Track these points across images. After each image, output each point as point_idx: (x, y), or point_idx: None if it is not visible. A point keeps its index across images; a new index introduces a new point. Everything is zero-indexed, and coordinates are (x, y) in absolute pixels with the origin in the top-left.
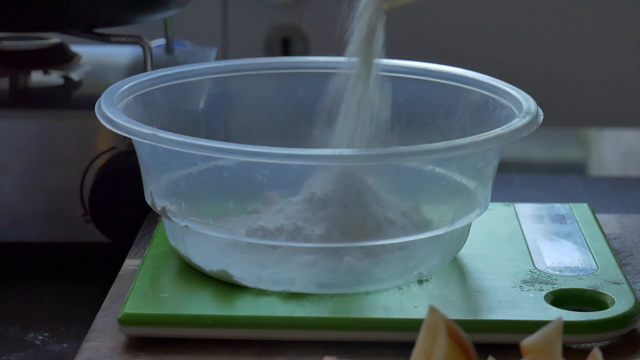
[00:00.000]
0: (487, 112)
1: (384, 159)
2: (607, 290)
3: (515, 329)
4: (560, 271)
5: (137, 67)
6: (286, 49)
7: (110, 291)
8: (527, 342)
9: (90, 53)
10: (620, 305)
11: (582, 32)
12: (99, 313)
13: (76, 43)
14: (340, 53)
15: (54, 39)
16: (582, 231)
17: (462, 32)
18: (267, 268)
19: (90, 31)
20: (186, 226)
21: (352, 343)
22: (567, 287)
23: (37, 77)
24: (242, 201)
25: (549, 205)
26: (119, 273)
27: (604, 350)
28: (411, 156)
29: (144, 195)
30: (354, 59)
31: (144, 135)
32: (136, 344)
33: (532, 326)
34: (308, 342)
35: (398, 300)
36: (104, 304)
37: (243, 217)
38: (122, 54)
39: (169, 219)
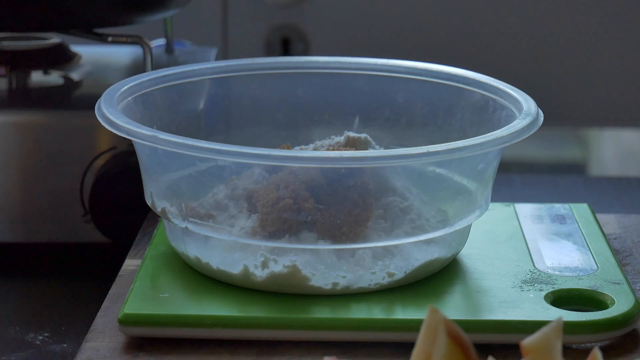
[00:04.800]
0: (487, 112)
1: (384, 161)
2: (607, 290)
3: (515, 329)
4: (560, 271)
5: (137, 67)
6: (286, 49)
7: (110, 291)
8: (527, 342)
9: (90, 53)
10: (620, 305)
11: (582, 32)
12: (99, 313)
13: (76, 43)
14: (340, 53)
15: (54, 39)
16: (582, 231)
17: (462, 32)
18: (267, 268)
19: (90, 31)
20: (186, 227)
21: (352, 343)
22: (567, 287)
23: (37, 77)
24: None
25: (549, 205)
26: (119, 273)
27: (604, 350)
28: (412, 158)
29: (144, 196)
30: None
31: (144, 136)
32: (136, 344)
33: (532, 326)
34: (308, 342)
35: (398, 300)
36: (104, 304)
37: (242, 218)
38: (122, 54)
39: (169, 220)
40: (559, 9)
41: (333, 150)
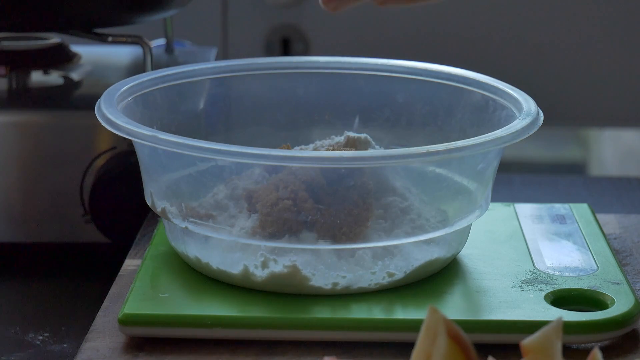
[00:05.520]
0: (487, 112)
1: (384, 161)
2: (607, 290)
3: (515, 329)
4: (560, 271)
5: (137, 67)
6: (286, 49)
7: (110, 291)
8: (527, 342)
9: (90, 53)
10: (620, 305)
11: (582, 32)
12: (99, 313)
13: (76, 43)
14: (340, 53)
15: (54, 39)
16: (582, 231)
17: (462, 32)
18: (267, 268)
19: (90, 31)
20: (186, 227)
21: (352, 343)
22: (567, 287)
23: (37, 77)
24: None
25: (549, 205)
26: (119, 273)
27: (604, 350)
28: (412, 158)
29: (144, 196)
30: None
31: (144, 136)
32: (136, 344)
33: (532, 326)
34: (308, 342)
35: (398, 300)
36: (104, 304)
37: (242, 218)
38: (122, 54)
39: (169, 220)
40: (559, 9)
41: (333, 150)
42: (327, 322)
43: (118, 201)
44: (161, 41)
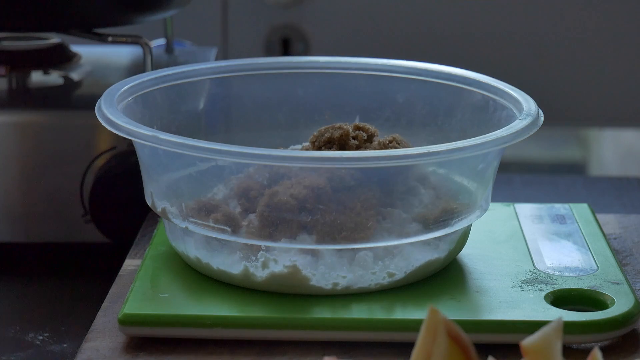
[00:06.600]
0: (487, 113)
1: (384, 161)
2: (607, 290)
3: (515, 329)
4: (560, 271)
5: (137, 67)
6: (286, 49)
7: (110, 291)
8: (527, 342)
9: (90, 53)
10: (620, 305)
11: (582, 32)
12: (99, 313)
13: (76, 43)
14: (340, 53)
15: (54, 39)
16: (582, 231)
17: (462, 32)
18: (267, 268)
19: (90, 31)
20: (186, 227)
21: (352, 343)
22: (567, 287)
23: (37, 77)
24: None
25: (549, 205)
26: (119, 273)
27: (604, 350)
28: (412, 158)
29: (144, 195)
30: None
31: (144, 136)
32: (136, 344)
33: (532, 326)
34: (308, 342)
35: (398, 300)
36: (104, 304)
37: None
38: (122, 54)
39: (169, 220)
40: (559, 8)
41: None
42: (327, 322)
43: (118, 201)
44: (161, 41)
